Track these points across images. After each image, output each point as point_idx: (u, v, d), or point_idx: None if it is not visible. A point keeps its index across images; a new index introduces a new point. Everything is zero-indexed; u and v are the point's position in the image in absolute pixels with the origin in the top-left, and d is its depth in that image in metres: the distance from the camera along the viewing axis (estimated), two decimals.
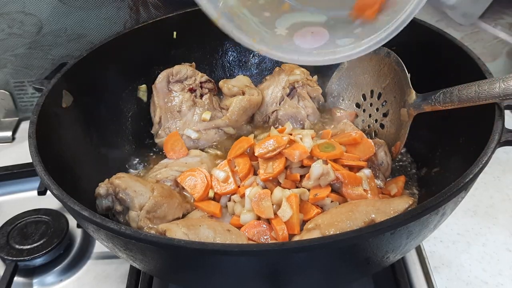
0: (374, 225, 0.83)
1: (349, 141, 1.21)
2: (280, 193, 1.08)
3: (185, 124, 1.38)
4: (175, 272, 1.01)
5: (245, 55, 1.57)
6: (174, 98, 1.40)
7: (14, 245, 1.24)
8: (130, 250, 0.89)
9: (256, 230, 1.07)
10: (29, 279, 1.24)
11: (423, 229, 0.90)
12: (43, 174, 0.96)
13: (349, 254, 0.87)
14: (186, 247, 0.80)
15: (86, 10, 1.59)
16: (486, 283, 1.16)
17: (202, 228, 0.98)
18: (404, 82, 1.21)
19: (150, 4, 1.60)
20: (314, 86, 1.44)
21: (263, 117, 1.44)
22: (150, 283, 1.16)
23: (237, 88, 1.43)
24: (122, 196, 1.09)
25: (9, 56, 1.65)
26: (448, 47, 1.21)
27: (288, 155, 1.13)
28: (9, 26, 1.59)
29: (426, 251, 1.22)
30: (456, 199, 0.88)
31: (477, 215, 1.32)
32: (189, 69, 1.42)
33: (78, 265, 1.27)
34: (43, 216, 1.31)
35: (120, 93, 1.40)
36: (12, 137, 1.71)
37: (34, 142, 1.02)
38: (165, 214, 1.10)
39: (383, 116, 1.31)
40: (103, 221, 0.85)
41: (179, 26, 1.46)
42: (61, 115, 1.19)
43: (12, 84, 1.71)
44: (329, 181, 1.10)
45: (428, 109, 1.15)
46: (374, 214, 0.97)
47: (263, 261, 0.85)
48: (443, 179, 1.14)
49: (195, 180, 1.20)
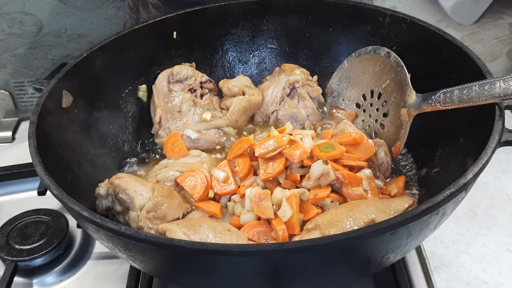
0: (374, 225, 0.83)
1: (349, 141, 1.21)
2: (280, 193, 1.08)
3: (185, 124, 1.38)
4: (175, 272, 1.01)
5: (245, 55, 1.57)
6: (174, 98, 1.40)
7: (14, 245, 1.24)
8: (130, 250, 0.89)
9: (256, 230, 1.07)
10: (29, 279, 1.24)
11: (423, 229, 0.90)
12: (43, 174, 0.96)
13: (349, 254, 0.87)
14: (186, 247, 0.80)
15: (86, 10, 1.59)
16: (486, 283, 1.16)
17: (202, 228, 0.98)
18: (404, 82, 1.21)
19: (150, 4, 1.60)
20: (314, 86, 1.44)
21: (263, 117, 1.44)
22: (150, 283, 1.16)
23: (237, 88, 1.43)
24: (122, 196, 1.09)
25: (9, 56, 1.65)
26: (448, 47, 1.21)
27: (288, 155, 1.13)
28: (9, 26, 1.59)
29: (426, 251, 1.22)
30: (456, 199, 0.88)
31: (477, 215, 1.32)
32: (189, 69, 1.42)
33: (78, 265, 1.27)
34: (43, 216, 1.31)
35: (120, 93, 1.40)
36: (12, 137, 1.71)
37: (34, 142, 1.02)
38: (165, 214, 1.10)
39: (383, 116, 1.31)
40: (103, 221, 0.85)
41: (179, 26, 1.46)
42: (61, 115, 1.19)
43: (12, 84, 1.71)
44: (329, 181, 1.10)
45: (428, 109, 1.15)
46: (374, 214, 0.97)
47: (263, 261, 0.85)
48: (443, 179, 1.14)
49: (195, 181, 1.20)
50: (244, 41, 1.55)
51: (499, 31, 1.68)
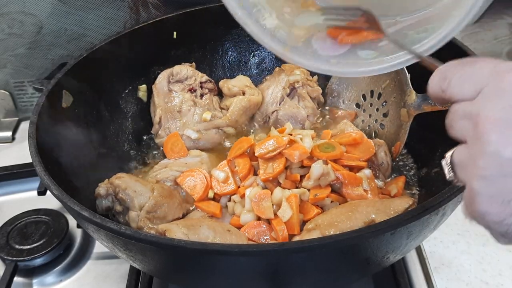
0: (374, 225, 0.83)
1: (349, 142, 1.21)
2: (280, 194, 1.08)
3: (185, 124, 1.38)
4: (175, 272, 1.01)
5: (245, 55, 1.57)
6: (174, 98, 1.40)
7: (14, 245, 1.24)
8: (130, 250, 0.89)
9: (256, 230, 1.07)
10: (29, 279, 1.24)
11: (423, 230, 0.90)
12: (43, 174, 0.96)
13: (349, 255, 0.87)
14: (186, 247, 0.80)
15: (86, 10, 1.59)
16: (486, 283, 1.16)
17: (202, 228, 0.98)
18: (404, 82, 1.21)
19: (150, 4, 1.60)
20: (314, 86, 1.44)
21: (263, 117, 1.44)
22: (150, 283, 1.16)
23: (237, 88, 1.43)
24: (122, 196, 1.09)
25: (9, 56, 1.65)
26: (448, 47, 1.20)
27: (288, 155, 1.13)
28: (9, 26, 1.59)
29: (426, 252, 1.22)
30: (456, 199, 0.88)
31: None
32: (189, 69, 1.42)
33: (78, 265, 1.27)
34: (43, 216, 1.31)
35: (120, 93, 1.40)
36: (12, 137, 1.71)
37: (34, 142, 1.02)
38: (165, 214, 1.10)
39: (383, 116, 1.31)
40: (103, 221, 0.85)
41: (179, 26, 1.45)
42: (61, 115, 1.18)
43: (12, 84, 1.71)
44: (329, 181, 1.10)
45: (428, 109, 1.14)
46: (374, 214, 0.97)
47: (263, 261, 0.85)
48: (443, 179, 1.13)
49: (195, 181, 1.20)
50: (244, 41, 1.54)
51: (499, 31, 1.68)
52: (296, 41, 0.94)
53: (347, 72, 0.94)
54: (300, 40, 0.94)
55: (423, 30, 0.88)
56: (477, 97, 0.62)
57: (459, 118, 0.65)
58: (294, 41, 0.94)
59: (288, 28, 0.95)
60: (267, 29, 0.92)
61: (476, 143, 0.60)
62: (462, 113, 0.64)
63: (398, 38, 0.88)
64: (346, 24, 0.92)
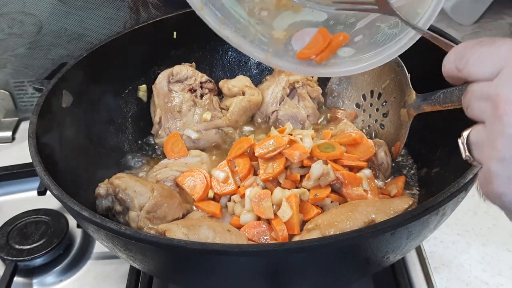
0: (374, 225, 0.83)
1: (349, 142, 1.21)
2: (280, 193, 1.08)
3: (185, 124, 1.38)
4: (175, 272, 1.01)
5: (245, 55, 1.56)
6: (174, 98, 1.40)
7: (14, 245, 1.24)
8: (130, 250, 0.89)
9: (256, 230, 1.07)
10: (29, 279, 1.24)
11: (423, 230, 0.90)
12: (43, 174, 0.96)
13: (349, 255, 0.87)
14: (186, 247, 0.80)
15: (86, 10, 1.59)
16: (486, 283, 1.16)
17: (202, 228, 0.98)
18: (404, 82, 1.21)
19: (150, 4, 1.60)
20: (314, 86, 1.44)
21: (263, 117, 1.44)
22: (150, 283, 1.16)
23: (237, 88, 1.43)
24: (122, 196, 1.09)
25: (9, 56, 1.65)
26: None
27: (288, 155, 1.13)
28: (9, 26, 1.59)
29: (426, 252, 1.22)
30: (456, 199, 0.88)
31: (477, 215, 1.32)
32: (189, 69, 1.42)
33: (78, 265, 1.27)
34: (43, 216, 1.31)
35: (120, 93, 1.40)
36: (12, 137, 1.71)
37: (34, 142, 1.02)
38: (165, 214, 1.10)
39: (383, 116, 1.31)
40: (103, 221, 0.85)
41: (179, 26, 1.45)
42: (61, 115, 1.18)
43: (12, 84, 1.71)
44: (329, 181, 1.10)
45: (428, 109, 1.14)
46: (374, 214, 0.97)
47: (263, 261, 0.85)
48: (443, 179, 1.14)
49: (195, 181, 1.20)
50: None
51: (499, 31, 1.68)
52: (276, 44, 0.95)
53: (328, 72, 0.96)
54: (281, 43, 0.96)
55: (391, 26, 0.91)
56: (496, 77, 0.61)
57: (477, 98, 0.64)
58: (275, 44, 0.95)
59: (267, 32, 0.96)
60: (248, 37, 0.94)
61: (495, 124, 0.60)
62: (480, 94, 0.63)
63: (404, 13, 0.89)
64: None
